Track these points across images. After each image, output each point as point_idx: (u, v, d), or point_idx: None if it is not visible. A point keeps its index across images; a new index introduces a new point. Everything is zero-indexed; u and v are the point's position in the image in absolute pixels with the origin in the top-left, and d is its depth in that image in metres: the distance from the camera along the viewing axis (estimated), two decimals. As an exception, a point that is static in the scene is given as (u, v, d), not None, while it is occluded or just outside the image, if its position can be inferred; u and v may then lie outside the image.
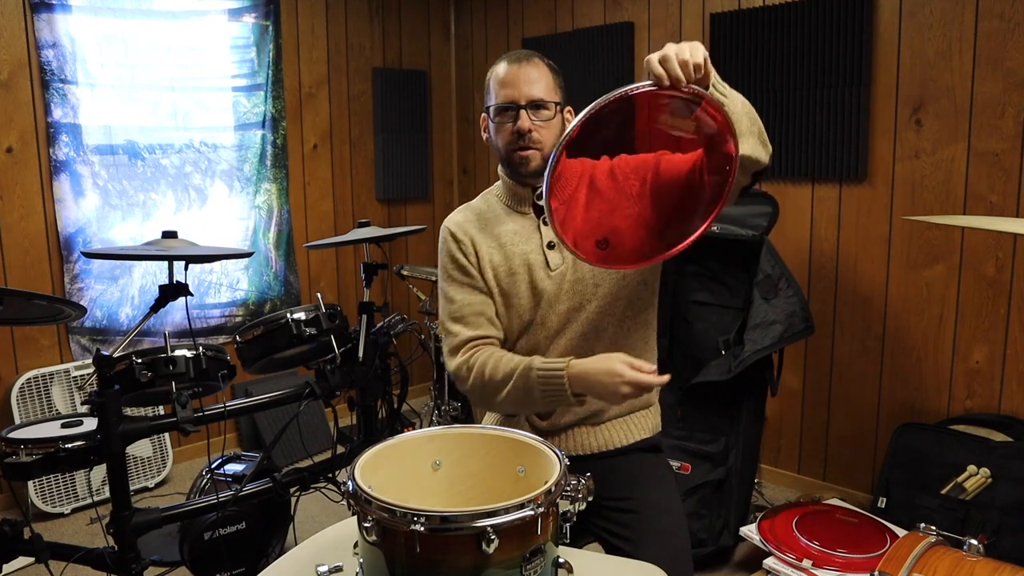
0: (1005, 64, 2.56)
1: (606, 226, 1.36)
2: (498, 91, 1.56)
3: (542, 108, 1.54)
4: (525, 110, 1.53)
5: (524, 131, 1.52)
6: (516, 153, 1.55)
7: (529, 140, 1.53)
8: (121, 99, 3.35)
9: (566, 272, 1.58)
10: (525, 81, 1.53)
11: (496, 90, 1.57)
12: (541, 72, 1.56)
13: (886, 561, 1.36)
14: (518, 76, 1.54)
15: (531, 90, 1.53)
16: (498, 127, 1.58)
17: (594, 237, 1.34)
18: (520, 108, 1.53)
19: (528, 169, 1.55)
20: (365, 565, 1.01)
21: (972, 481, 2.50)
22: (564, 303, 1.58)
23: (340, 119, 4.19)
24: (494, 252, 1.60)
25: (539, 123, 1.54)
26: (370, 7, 4.26)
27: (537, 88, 1.54)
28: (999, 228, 1.39)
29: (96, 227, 3.32)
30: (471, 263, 1.60)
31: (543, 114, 1.55)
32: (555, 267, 1.58)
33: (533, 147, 1.54)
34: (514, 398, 1.46)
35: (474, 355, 1.53)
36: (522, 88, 1.53)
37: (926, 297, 2.83)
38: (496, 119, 1.57)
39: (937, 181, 2.76)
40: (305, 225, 4.07)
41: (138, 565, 1.99)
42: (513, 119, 1.54)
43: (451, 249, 1.62)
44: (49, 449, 1.94)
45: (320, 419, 3.85)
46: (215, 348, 2.22)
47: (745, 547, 2.72)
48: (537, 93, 1.53)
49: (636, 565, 1.24)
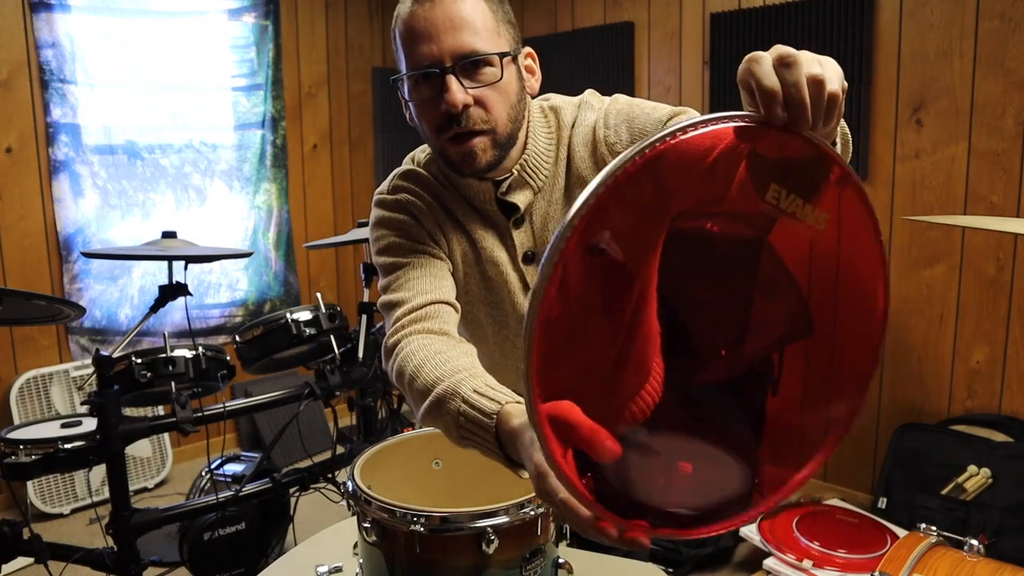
0: (1006, 64, 2.55)
1: None
2: (409, 49, 1.01)
3: (482, 66, 1.01)
4: (453, 74, 1.00)
5: (456, 110, 1.00)
6: (451, 146, 1.04)
7: (469, 121, 1.01)
8: (121, 99, 3.34)
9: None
10: (446, 25, 0.99)
11: (406, 47, 1.02)
12: (470, 4, 1.00)
13: (886, 561, 1.36)
14: (432, 18, 0.99)
15: (458, 39, 0.99)
16: (418, 106, 1.05)
17: None
18: (445, 72, 1.00)
19: (475, 167, 1.05)
20: (365, 565, 1.01)
21: (972, 481, 2.50)
22: None
23: (340, 119, 4.18)
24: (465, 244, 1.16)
25: (480, 90, 1.01)
26: (370, 7, 4.26)
27: (467, 34, 0.99)
28: (1000, 228, 1.39)
29: (95, 227, 3.31)
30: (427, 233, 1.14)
31: (485, 74, 1.01)
32: None
33: (479, 130, 1.02)
34: (432, 425, 0.94)
35: (409, 337, 1.02)
36: (443, 38, 0.99)
37: (926, 297, 2.83)
38: (412, 94, 1.04)
39: (937, 181, 2.75)
40: (305, 225, 4.07)
41: (137, 565, 1.99)
42: (437, 91, 1.01)
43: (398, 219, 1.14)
44: (48, 449, 1.94)
45: (320, 419, 3.84)
46: (214, 348, 2.22)
47: (745, 547, 2.71)
48: (469, 42, 0.99)
49: (636, 565, 1.24)
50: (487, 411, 0.83)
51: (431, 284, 1.08)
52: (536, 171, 1.14)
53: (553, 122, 1.17)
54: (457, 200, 1.16)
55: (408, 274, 1.10)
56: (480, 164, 1.05)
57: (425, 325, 1.03)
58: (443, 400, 0.89)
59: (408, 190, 1.16)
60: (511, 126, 1.06)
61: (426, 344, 0.98)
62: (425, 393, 0.92)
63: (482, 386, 0.87)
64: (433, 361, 0.95)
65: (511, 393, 0.86)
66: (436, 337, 1.01)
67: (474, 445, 0.87)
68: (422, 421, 0.96)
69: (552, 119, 1.17)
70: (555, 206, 1.15)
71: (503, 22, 1.04)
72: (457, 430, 0.88)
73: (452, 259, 1.16)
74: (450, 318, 1.06)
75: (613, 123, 1.12)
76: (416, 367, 0.95)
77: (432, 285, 1.08)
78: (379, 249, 1.15)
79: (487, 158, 1.05)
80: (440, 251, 1.14)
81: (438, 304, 1.06)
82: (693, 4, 3.33)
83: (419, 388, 0.94)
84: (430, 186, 1.17)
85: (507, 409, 0.82)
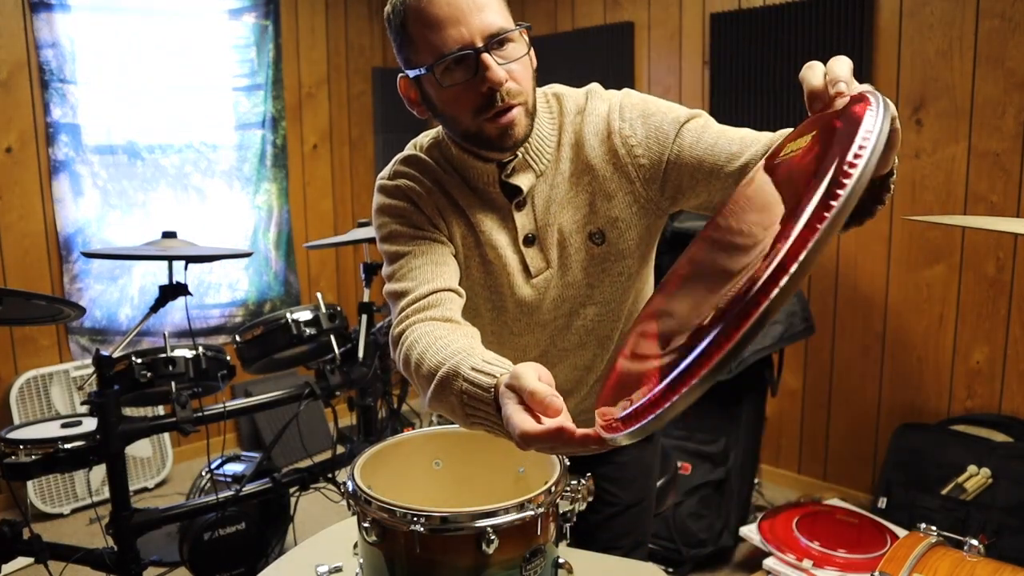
0: (1006, 64, 2.55)
1: None
2: (432, 36, 1.01)
3: (507, 42, 1.03)
4: (487, 52, 1.00)
5: (500, 87, 1.01)
6: (491, 124, 1.05)
7: (509, 96, 1.03)
8: (121, 99, 3.34)
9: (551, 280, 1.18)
10: (471, 6, 1.00)
11: (427, 36, 1.02)
12: None
13: (886, 562, 1.36)
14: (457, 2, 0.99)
15: (485, 18, 1.00)
16: (451, 94, 1.04)
17: None
18: (479, 52, 1.00)
19: (515, 139, 1.07)
20: (365, 565, 1.01)
21: (972, 481, 2.50)
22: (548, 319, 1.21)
23: (340, 119, 4.18)
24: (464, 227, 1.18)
25: (510, 64, 1.03)
26: (370, 7, 4.26)
27: (490, 12, 1.01)
28: (999, 228, 1.38)
29: (95, 227, 3.31)
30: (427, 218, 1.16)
31: (511, 50, 1.04)
32: (536, 272, 1.17)
33: (516, 104, 1.04)
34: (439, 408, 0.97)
35: (414, 326, 1.04)
36: (471, 19, 1.00)
37: (926, 297, 2.83)
38: (445, 80, 1.03)
39: (937, 181, 2.75)
40: (305, 225, 4.07)
41: (137, 565, 1.99)
42: (472, 72, 1.01)
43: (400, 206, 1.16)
44: (48, 449, 1.94)
45: (320, 419, 3.84)
46: (215, 348, 2.22)
47: (745, 547, 2.71)
48: (494, 21, 1.01)
49: (636, 565, 1.24)
50: (485, 385, 0.86)
51: (433, 272, 1.10)
52: (539, 155, 1.16)
53: (555, 108, 1.19)
54: (457, 184, 1.17)
55: (411, 263, 1.11)
56: (519, 135, 1.07)
57: (429, 313, 1.05)
58: (446, 382, 0.92)
59: (408, 175, 1.18)
60: (535, 96, 1.11)
61: (429, 331, 1.01)
62: (430, 378, 0.95)
63: (479, 363, 0.89)
64: (435, 346, 0.97)
65: (509, 364, 0.88)
66: (440, 324, 1.03)
67: (479, 422, 0.89)
68: (430, 405, 0.98)
69: (555, 105, 1.19)
70: (557, 190, 1.16)
71: None
72: (462, 408, 0.90)
73: (452, 242, 1.17)
74: (454, 305, 1.08)
75: (628, 116, 1.15)
76: (420, 354, 0.98)
77: (435, 273, 1.10)
78: (382, 237, 1.17)
79: (523, 129, 1.07)
80: (441, 235, 1.16)
81: (441, 292, 1.07)
82: (693, 4, 3.33)
83: (424, 374, 0.97)
84: (430, 170, 1.18)
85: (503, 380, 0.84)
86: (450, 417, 0.95)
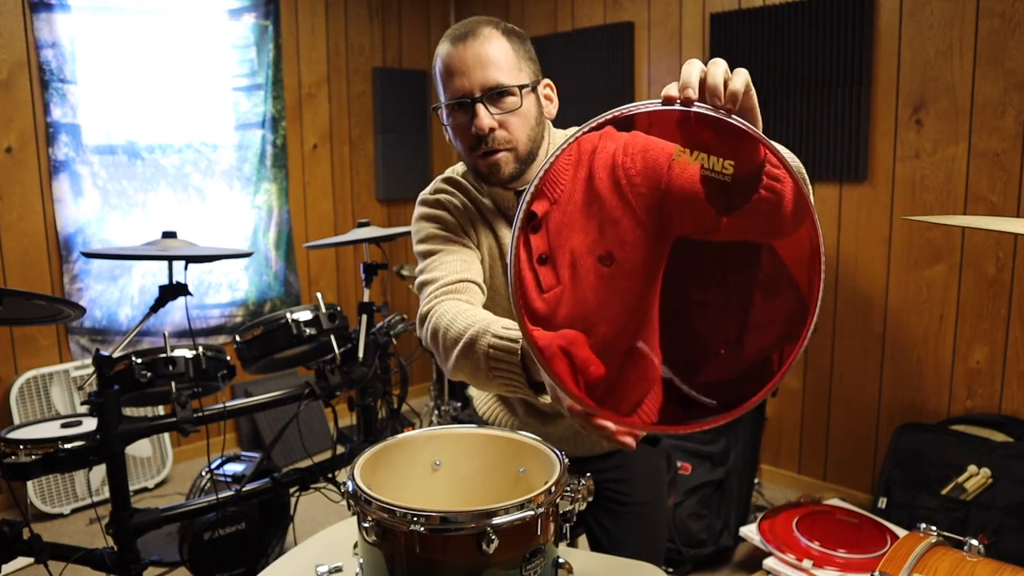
0: (1006, 64, 2.55)
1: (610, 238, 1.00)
2: (446, 82, 1.24)
3: (505, 96, 1.22)
4: (481, 103, 1.21)
5: (484, 132, 1.21)
6: (480, 161, 1.26)
7: (494, 142, 1.23)
8: (121, 99, 3.35)
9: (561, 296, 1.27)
10: (476, 63, 1.20)
11: (444, 81, 1.25)
12: (496, 46, 1.22)
13: (886, 562, 1.36)
14: (465, 58, 1.20)
15: (486, 74, 1.20)
16: (455, 129, 1.27)
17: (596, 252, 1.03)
18: (475, 101, 1.21)
19: (500, 177, 1.27)
20: (365, 565, 1.01)
21: (973, 481, 2.50)
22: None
23: (340, 119, 4.18)
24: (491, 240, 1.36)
25: (504, 115, 1.22)
26: (370, 7, 4.26)
27: (493, 70, 1.20)
28: (999, 228, 1.38)
29: (95, 227, 3.32)
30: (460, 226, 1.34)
31: (507, 103, 1.22)
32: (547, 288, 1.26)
33: (502, 148, 1.24)
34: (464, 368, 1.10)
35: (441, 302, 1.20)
36: (473, 74, 1.20)
37: (926, 297, 2.83)
38: (450, 119, 1.26)
39: (937, 181, 2.75)
40: (305, 225, 4.07)
41: (137, 565, 1.99)
42: (469, 117, 1.22)
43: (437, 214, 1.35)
44: (48, 449, 1.94)
45: (320, 419, 3.84)
46: (215, 348, 2.22)
47: (745, 547, 2.72)
48: (494, 77, 1.20)
49: (636, 565, 1.24)
50: (514, 338, 1.00)
51: (462, 266, 1.27)
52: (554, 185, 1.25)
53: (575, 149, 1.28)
54: (487, 204, 1.36)
55: (442, 258, 1.28)
56: (504, 175, 1.26)
57: (455, 296, 1.21)
58: (475, 339, 1.05)
59: (446, 191, 1.37)
60: (530, 144, 1.27)
61: (454, 305, 1.17)
62: (457, 339, 1.08)
63: (509, 324, 1.04)
64: (464, 314, 1.12)
65: None
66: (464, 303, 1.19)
67: (501, 377, 1.02)
68: (454, 368, 1.11)
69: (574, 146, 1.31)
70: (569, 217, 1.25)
71: (524, 59, 1.25)
72: (487, 362, 1.02)
73: (480, 251, 1.34)
74: (476, 296, 1.24)
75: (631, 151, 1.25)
76: (449, 322, 1.12)
77: (462, 267, 1.27)
78: (419, 239, 1.35)
79: (509, 170, 1.25)
80: (471, 242, 1.33)
81: (467, 282, 1.24)
82: (693, 4, 3.34)
83: (452, 337, 1.10)
84: (465, 190, 1.37)
85: None
86: (471, 378, 1.08)
